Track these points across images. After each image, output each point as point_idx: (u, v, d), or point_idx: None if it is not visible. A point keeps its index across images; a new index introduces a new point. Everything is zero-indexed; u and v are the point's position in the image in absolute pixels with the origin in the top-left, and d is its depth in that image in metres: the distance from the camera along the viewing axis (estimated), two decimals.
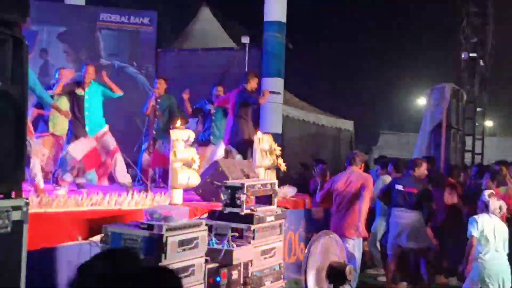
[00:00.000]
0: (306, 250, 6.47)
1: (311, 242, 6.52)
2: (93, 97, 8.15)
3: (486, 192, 7.05)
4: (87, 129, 8.01)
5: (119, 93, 8.39)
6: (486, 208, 6.89)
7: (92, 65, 8.42)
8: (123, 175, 8.13)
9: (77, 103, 8.09)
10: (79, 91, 8.07)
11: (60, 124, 8.90)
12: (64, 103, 8.53)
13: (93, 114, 8.11)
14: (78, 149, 7.94)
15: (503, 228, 6.89)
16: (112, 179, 8.79)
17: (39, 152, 7.19)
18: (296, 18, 15.31)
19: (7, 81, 3.22)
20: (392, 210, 8.63)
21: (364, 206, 7.79)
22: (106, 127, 8.21)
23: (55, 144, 9.18)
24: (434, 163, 10.95)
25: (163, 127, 9.27)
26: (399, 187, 8.49)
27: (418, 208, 8.33)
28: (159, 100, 9.45)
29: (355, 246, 7.87)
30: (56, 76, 9.27)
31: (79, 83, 8.15)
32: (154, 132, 9.32)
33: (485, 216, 6.84)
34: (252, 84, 9.56)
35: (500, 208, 6.89)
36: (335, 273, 6.59)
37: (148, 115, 9.46)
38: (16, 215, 3.20)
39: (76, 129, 8.02)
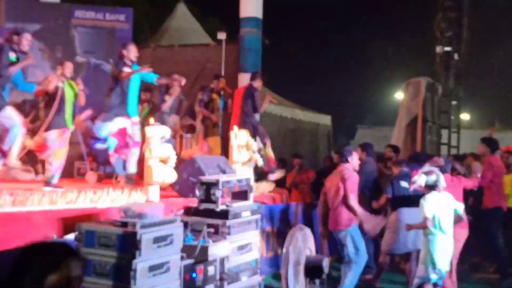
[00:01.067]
0: (285, 245, 6.51)
1: (289, 237, 6.56)
2: (135, 78, 8.46)
3: None
4: (128, 109, 8.31)
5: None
6: None
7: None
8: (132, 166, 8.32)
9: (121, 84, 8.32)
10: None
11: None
12: (69, 96, 8.54)
13: (134, 96, 8.44)
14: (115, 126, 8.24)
15: None
16: None
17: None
18: (272, 13, 15.31)
19: None
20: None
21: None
22: (138, 117, 8.52)
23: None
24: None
25: None
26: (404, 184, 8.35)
27: None
28: None
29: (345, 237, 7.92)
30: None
31: (124, 62, 8.48)
32: None
33: None
34: (258, 84, 10.12)
35: None
36: (313, 267, 6.64)
37: None
38: None
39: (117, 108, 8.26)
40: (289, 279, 6.43)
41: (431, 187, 6.90)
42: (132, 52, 8.51)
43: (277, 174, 10.08)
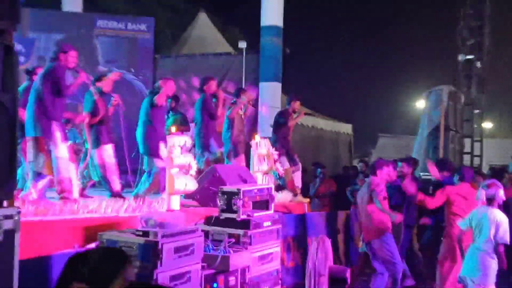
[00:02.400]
0: (309, 255, 6.46)
1: (313, 247, 6.51)
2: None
3: None
4: None
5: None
6: None
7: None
8: None
9: None
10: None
11: None
12: None
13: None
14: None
15: None
16: None
17: None
18: (293, 22, 15.30)
19: None
20: None
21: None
22: None
23: None
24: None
25: None
26: None
27: None
28: None
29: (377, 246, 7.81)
30: None
31: None
32: None
33: None
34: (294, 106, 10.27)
35: None
36: (336, 277, 6.58)
37: None
38: (7, 224, 3.18)
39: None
40: None
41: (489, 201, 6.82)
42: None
43: (298, 199, 10.01)
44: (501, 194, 6.74)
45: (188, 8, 23.90)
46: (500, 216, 6.66)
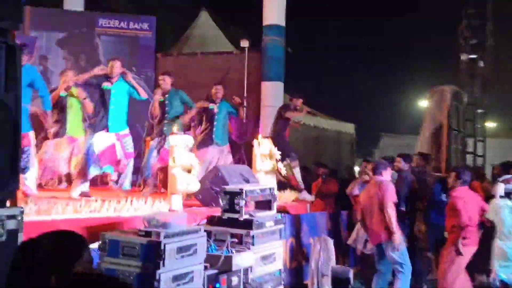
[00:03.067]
0: (312, 256, 6.45)
1: (315, 247, 6.50)
2: (119, 93, 8.16)
3: None
4: (109, 124, 8.03)
5: (144, 96, 8.38)
6: None
7: (118, 58, 8.43)
8: (127, 181, 8.15)
9: (102, 97, 8.13)
10: (106, 85, 8.10)
11: (74, 126, 8.83)
12: (74, 104, 8.59)
13: (118, 110, 8.12)
14: (99, 143, 7.99)
15: None
16: None
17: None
18: (295, 21, 15.27)
19: (1, 89, 3.19)
20: None
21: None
22: (127, 129, 8.25)
23: (69, 145, 9.08)
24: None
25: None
26: None
27: None
28: (167, 96, 9.14)
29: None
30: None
31: (107, 77, 8.16)
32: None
33: None
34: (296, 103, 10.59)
35: None
36: (339, 278, 6.57)
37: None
38: (11, 224, 3.17)
39: (98, 123, 8.09)
40: None
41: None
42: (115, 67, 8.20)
43: (303, 195, 9.99)
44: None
45: (190, 7, 23.86)
46: None
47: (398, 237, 7.36)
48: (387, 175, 7.84)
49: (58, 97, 8.78)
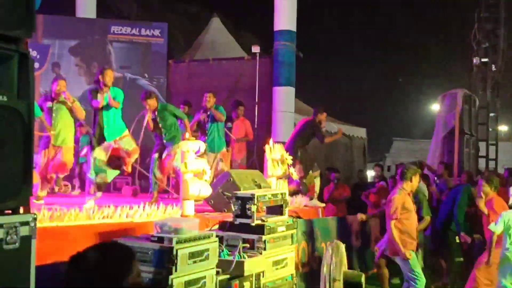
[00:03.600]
0: (324, 260, 6.44)
1: (327, 252, 6.49)
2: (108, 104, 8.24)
3: None
4: (105, 134, 8.13)
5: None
6: None
7: (111, 69, 8.55)
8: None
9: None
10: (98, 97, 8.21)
11: (61, 135, 8.81)
12: (64, 112, 8.61)
13: (111, 120, 8.22)
14: (102, 153, 8.09)
15: None
16: None
17: None
18: (306, 26, 15.30)
19: (14, 97, 3.23)
20: None
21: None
22: (126, 131, 8.37)
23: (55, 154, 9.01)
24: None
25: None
26: None
27: None
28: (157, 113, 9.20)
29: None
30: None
31: (96, 90, 8.26)
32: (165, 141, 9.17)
33: None
34: (321, 118, 10.41)
35: None
36: (351, 282, 6.55)
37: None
38: (24, 231, 3.20)
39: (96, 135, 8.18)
40: None
41: None
42: (107, 76, 8.26)
43: (313, 202, 9.98)
44: None
45: (201, 13, 24.01)
46: None
47: (404, 254, 7.11)
48: (414, 182, 7.37)
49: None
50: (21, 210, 3.30)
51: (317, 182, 10.28)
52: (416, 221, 7.36)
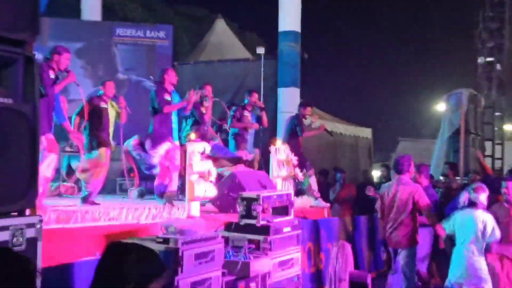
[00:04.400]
0: (331, 261, 6.45)
1: (334, 252, 6.49)
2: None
3: None
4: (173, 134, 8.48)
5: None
6: None
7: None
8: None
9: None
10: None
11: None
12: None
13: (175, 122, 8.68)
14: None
15: None
16: None
17: None
18: (311, 27, 15.31)
19: (19, 99, 3.25)
20: None
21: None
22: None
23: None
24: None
25: None
26: None
27: None
28: None
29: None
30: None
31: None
32: None
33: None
34: (304, 112, 10.45)
35: None
36: (357, 283, 6.55)
37: None
38: (30, 233, 3.22)
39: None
40: None
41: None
42: (172, 76, 8.53)
43: (318, 202, 9.98)
44: (484, 198, 6.68)
45: (206, 15, 24.05)
46: (484, 216, 6.61)
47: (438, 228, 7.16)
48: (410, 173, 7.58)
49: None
50: (27, 212, 3.32)
51: (313, 181, 10.25)
52: None
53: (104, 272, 2.60)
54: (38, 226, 3.29)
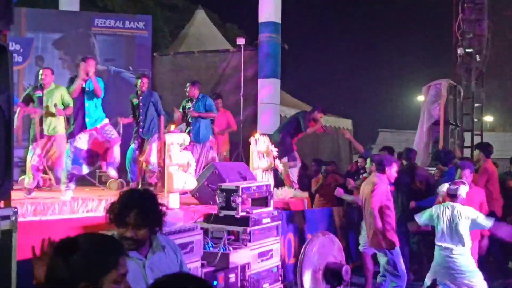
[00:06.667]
0: (301, 251, 6.45)
1: (306, 243, 6.50)
2: (91, 92, 8.22)
3: None
4: (86, 120, 8.11)
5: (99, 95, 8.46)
6: None
7: (92, 58, 8.60)
8: (112, 167, 8.33)
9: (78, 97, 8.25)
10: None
11: (51, 124, 8.75)
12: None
13: (91, 108, 8.21)
14: (83, 142, 8.08)
15: None
16: None
17: None
18: (291, 18, 15.27)
19: None
20: None
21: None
22: (105, 120, 8.35)
23: (46, 144, 8.94)
24: None
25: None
26: None
27: None
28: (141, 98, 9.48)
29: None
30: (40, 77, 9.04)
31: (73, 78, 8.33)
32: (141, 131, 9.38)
33: None
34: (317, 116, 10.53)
35: None
36: (332, 274, 6.54)
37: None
38: (4, 225, 3.18)
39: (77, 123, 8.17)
40: (304, 286, 6.34)
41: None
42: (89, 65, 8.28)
43: (295, 193, 9.96)
44: (464, 192, 6.68)
45: (186, 5, 23.93)
46: (467, 209, 6.63)
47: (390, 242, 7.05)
48: (391, 172, 7.35)
49: None
50: (1, 204, 3.27)
51: (294, 172, 10.22)
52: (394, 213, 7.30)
53: (52, 280, 2.40)
54: (13, 218, 3.24)
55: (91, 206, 6.20)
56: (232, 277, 5.38)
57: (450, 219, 6.54)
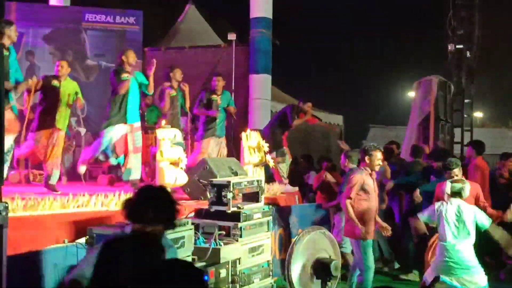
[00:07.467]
0: (291, 246, 6.45)
1: (296, 238, 6.50)
2: (135, 85, 8.42)
3: None
4: (127, 114, 8.26)
5: (150, 92, 8.69)
6: None
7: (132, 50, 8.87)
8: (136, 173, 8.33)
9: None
10: (126, 75, 8.41)
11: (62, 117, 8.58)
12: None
13: (133, 102, 8.38)
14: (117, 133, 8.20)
15: None
16: None
17: None
18: (282, 13, 15.26)
19: None
20: None
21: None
22: (139, 123, 8.50)
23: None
24: None
25: None
26: None
27: None
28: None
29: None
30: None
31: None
32: None
33: None
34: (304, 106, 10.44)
35: None
36: (320, 269, 6.53)
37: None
38: None
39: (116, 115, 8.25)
40: (293, 281, 6.33)
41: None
42: (130, 57, 8.44)
43: (285, 188, 9.96)
44: (468, 189, 6.67)
45: (177, 0, 23.82)
46: (470, 206, 6.64)
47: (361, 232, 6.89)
48: (372, 161, 7.13)
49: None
50: None
51: (281, 169, 10.20)
52: (375, 203, 7.15)
53: None
54: (4, 213, 3.23)
55: (82, 201, 6.18)
56: (223, 272, 5.40)
57: (454, 215, 6.53)
